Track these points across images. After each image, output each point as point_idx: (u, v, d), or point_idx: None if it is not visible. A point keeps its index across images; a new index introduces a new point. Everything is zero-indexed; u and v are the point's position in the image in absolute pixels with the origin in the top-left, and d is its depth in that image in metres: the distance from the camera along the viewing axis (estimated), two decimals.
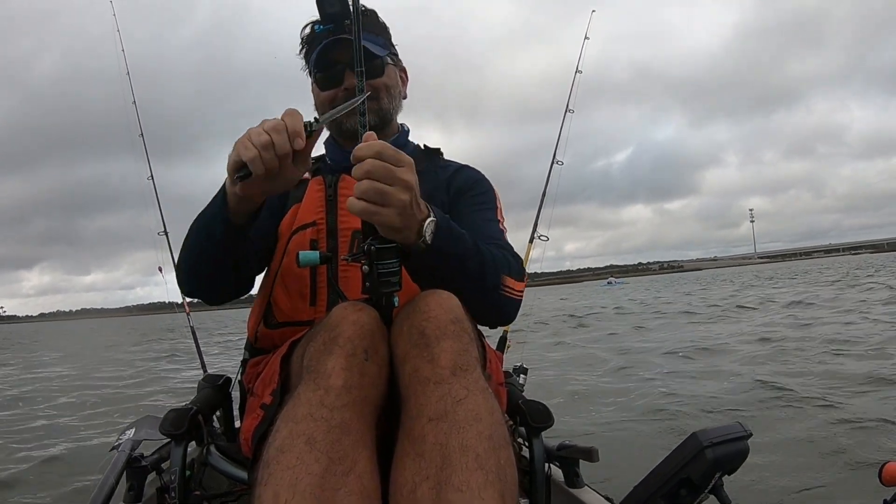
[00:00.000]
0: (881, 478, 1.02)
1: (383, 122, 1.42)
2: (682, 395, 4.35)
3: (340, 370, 0.90)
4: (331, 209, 1.32)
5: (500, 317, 1.25)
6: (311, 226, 1.31)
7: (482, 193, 1.44)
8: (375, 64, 1.37)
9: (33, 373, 10.42)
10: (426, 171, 1.39)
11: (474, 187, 1.44)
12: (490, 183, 1.48)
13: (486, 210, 1.40)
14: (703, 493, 1.09)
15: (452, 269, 1.09)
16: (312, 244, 1.29)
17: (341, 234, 1.29)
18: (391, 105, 1.43)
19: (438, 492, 0.79)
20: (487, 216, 1.39)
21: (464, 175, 1.47)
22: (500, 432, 0.87)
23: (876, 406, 3.62)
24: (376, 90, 1.37)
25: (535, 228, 2.50)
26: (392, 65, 1.44)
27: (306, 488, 0.77)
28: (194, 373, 6.22)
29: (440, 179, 1.44)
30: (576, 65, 2.74)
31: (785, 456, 2.88)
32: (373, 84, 1.34)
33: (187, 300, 2.63)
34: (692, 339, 7.78)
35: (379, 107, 1.39)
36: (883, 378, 4.32)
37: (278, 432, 0.85)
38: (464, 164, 1.52)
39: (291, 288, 1.28)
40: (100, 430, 4.63)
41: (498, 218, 1.41)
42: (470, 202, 1.41)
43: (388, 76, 1.42)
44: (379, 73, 1.39)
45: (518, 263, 1.27)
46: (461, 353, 0.93)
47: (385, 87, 1.41)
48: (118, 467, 1.33)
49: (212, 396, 1.45)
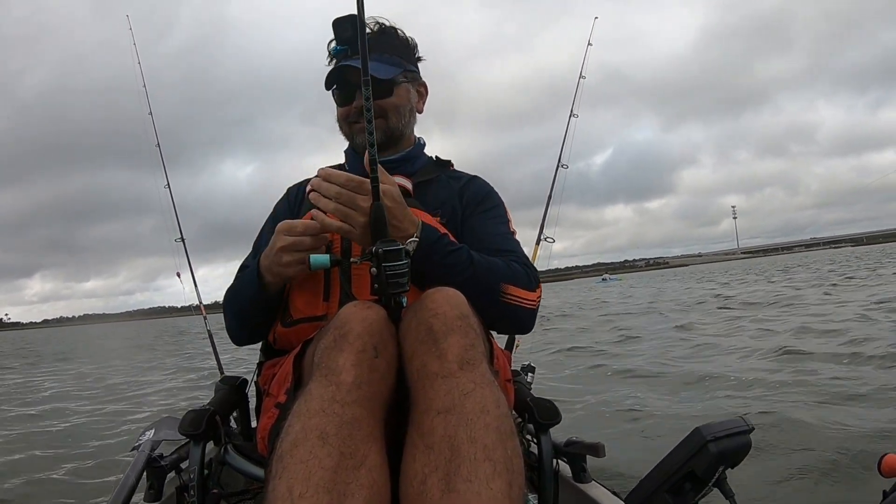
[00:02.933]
0: (880, 469, 1.02)
1: (391, 140, 1.46)
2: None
3: (351, 366, 0.91)
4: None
5: (510, 325, 1.32)
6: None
7: (494, 207, 1.47)
8: (382, 87, 1.41)
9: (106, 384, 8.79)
10: (440, 180, 1.48)
11: (485, 201, 1.47)
12: (499, 195, 1.52)
13: (499, 224, 1.44)
14: (707, 486, 1.09)
15: (439, 277, 1.14)
16: (328, 247, 1.30)
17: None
18: (400, 123, 1.46)
19: (448, 482, 0.80)
20: (501, 230, 1.43)
21: (475, 187, 1.50)
22: (506, 424, 0.88)
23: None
24: (383, 110, 1.42)
25: (541, 230, 2.51)
26: (406, 82, 1.48)
27: (319, 481, 0.78)
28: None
29: (453, 188, 1.47)
30: (579, 71, 2.75)
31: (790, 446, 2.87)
32: (380, 104, 1.40)
33: (204, 303, 2.65)
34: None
35: (386, 125, 1.43)
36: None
37: (291, 427, 0.86)
38: (473, 175, 1.55)
39: (306, 287, 1.30)
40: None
41: (511, 230, 1.45)
42: (483, 216, 1.44)
43: (398, 96, 1.45)
44: (386, 94, 1.42)
45: (528, 273, 1.29)
46: (468, 347, 0.94)
47: (394, 107, 1.44)
48: (138, 467, 1.34)
49: (229, 397, 1.46)
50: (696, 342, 7.24)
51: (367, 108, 1.00)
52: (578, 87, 2.71)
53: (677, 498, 1.10)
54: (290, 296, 1.32)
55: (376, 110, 1.38)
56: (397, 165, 1.45)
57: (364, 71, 0.99)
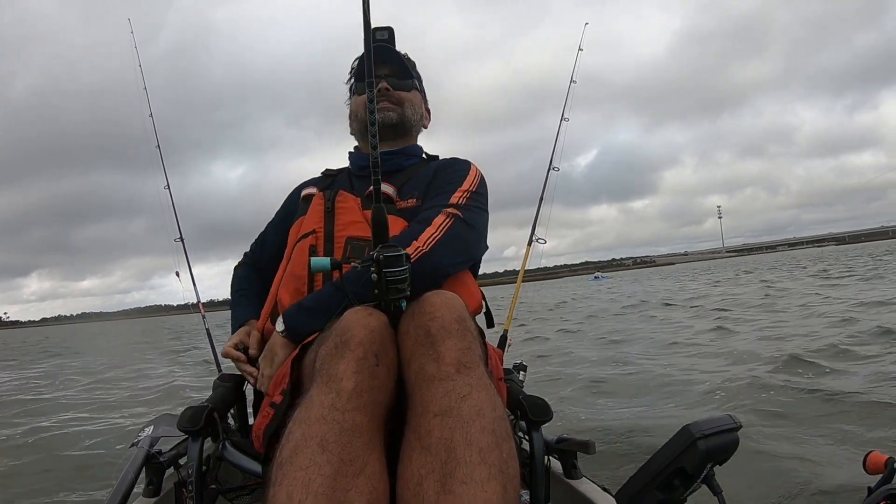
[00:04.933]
0: (865, 466, 1.02)
1: (402, 128, 1.57)
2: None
3: (351, 374, 0.90)
4: (328, 219, 1.41)
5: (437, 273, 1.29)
6: (311, 234, 1.40)
7: (449, 173, 1.48)
8: (406, 82, 1.58)
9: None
10: (423, 170, 1.52)
11: (445, 168, 1.51)
12: (472, 165, 1.52)
13: (442, 193, 1.42)
14: (695, 482, 1.09)
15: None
16: (311, 250, 1.37)
17: (337, 241, 1.37)
18: (413, 118, 1.59)
19: (444, 484, 0.80)
20: (438, 197, 1.41)
21: (445, 162, 1.55)
22: (502, 427, 0.88)
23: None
24: (402, 100, 1.56)
25: (533, 231, 2.52)
26: (419, 91, 1.64)
27: (319, 489, 0.78)
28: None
29: (430, 170, 1.51)
30: (570, 76, 2.75)
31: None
32: (400, 95, 1.56)
33: (202, 301, 2.65)
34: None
35: (402, 112, 1.56)
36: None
37: (292, 434, 0.86)
38: (454, 157, 1.59)
39: (292, 287, 1.35)
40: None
41: (451, 197, 1.40)
42: (437, 181, 1.46)
43: (414, 95, 1.60)
44: (407, 88, 1.58)
45: (424, 215, 1.34)
46: (465, 351, 0.94)
47: (409, 101, 1.58)
48: (137, 463, 1.33)
49: (226, 394, 1.46)
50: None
51: (371, 109, 1.00)
52: (569, 91, 2.72)
53: (666, 494, 1.10)
54: (278, 295, 1.37)
55: (396, 98, 1.55)
56: (394, 156, 1.53)
57: (369, 72, 0.99)
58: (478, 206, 1.42)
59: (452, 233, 1.31)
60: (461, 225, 1.34)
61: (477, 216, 1.40)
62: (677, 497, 1.09)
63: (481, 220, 1.42)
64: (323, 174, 1.64)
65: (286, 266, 1.41)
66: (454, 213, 1.34)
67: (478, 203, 1.42)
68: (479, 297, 1.40)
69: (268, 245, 1.68)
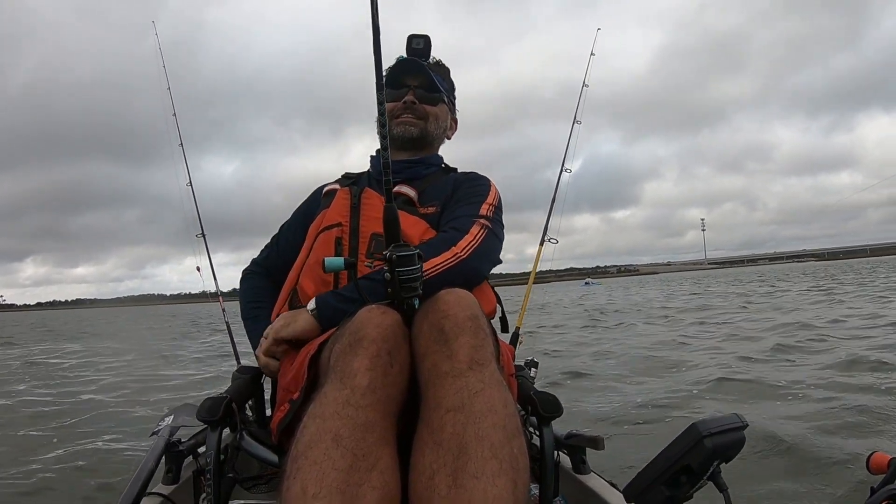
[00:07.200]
0: (868, 467, 1.01)
1: (423, 141, 1.56)
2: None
3: (365, 370, 0.90)
4: (354, 214, 1.40)
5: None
6: (337, 226, 1.39)
7: (471, 188, 1.51)
8: (434, 95, 1.57)
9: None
10: (443, 180, 1.54)
11: (464, 184, 1.52)
12: (491, 182, 1.56)
13: (465, 204, 1.45)
14: (701, 479, 1.08)
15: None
16: (337, 241, 1.37)
17: (362, 236, 1.37)
18: (435, 132, 1.59)
19: (455, 479, 0.80)
20: (464, 211, 1.43)
21: (463, 177, 1.56)
22: (513, 423, 0.88)
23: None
24: (426, 114, 1.56)
25: (545, 232, 2.54)
26: (446, 104, 1.62)
27: (332, 483, 0.78)
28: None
29: (450, 182, 1.52)
30: (583, 80, 2.76)
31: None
32: (425, 108, 1.55)
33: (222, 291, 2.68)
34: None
35: (425, 126, 1.55)
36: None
37: (306, 429, 0.86)
38: (472, 172, 1.61)
39: (317, 277, 1.35)
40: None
41: (482, 212, 1.44)
42: (455, 197, 1.48)
43: (440, 109, 1.59)
44: (434, 102, 1.57)
45: (444, 236, 1.34)
46: (477, 348, 0.93)
47: (434, 115, 1.57)
48: (157, 451, 1.34)
49: (245, 386, 1.47)
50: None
51: (381, 111, 1.00)
52: (582, 94, 2.73)
53: (673, 490, 1.10)
54: (300, 283, 1.37)
55: (420, 112, 1.55)
56: (413, 165, 1.54)
57: (378, 75, 0.99)
58: (499, 220, 1.48)
59: (487, 241, 1.37)
60: (493, 235, 1.41)
61: (500, 229, 1.47)
62: (684, 493, 1.09)
63: (502, 232, 1.49)
64: (343, 177, 1.63)
65: (307, 255, 1.40)
66: (486, 225, 1.40)
67: (499, 217, 1.49)
68: (494, 301, 1.44)
69: (282, 246, 1.65)
